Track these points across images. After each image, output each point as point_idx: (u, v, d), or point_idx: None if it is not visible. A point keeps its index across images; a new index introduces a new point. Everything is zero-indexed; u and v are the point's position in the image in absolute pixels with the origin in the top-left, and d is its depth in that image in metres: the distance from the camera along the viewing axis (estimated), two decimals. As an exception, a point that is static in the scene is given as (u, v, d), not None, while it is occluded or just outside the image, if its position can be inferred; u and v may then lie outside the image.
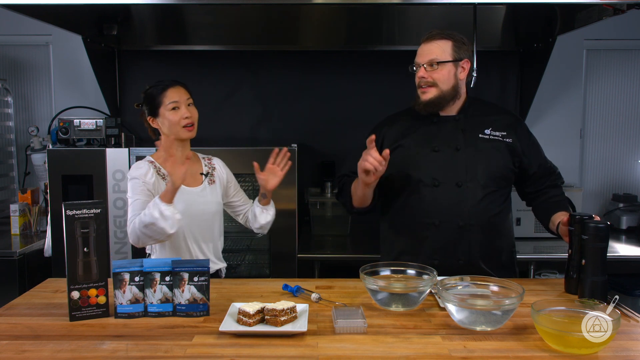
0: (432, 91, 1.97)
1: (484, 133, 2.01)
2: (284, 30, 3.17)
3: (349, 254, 2.89)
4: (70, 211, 1.59)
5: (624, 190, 3.54)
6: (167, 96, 1.99)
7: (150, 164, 2.02)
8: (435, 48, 1.95)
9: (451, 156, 1.98)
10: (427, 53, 1.96)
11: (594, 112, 3.55)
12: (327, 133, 3.46)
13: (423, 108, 2.00)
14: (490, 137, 2.01)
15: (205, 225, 2.06)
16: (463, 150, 1.98)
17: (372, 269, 1.77)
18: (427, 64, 1.96)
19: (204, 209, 2.05)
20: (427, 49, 1.96)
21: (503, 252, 2.05)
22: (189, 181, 2.05)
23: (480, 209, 1.95)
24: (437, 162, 1.98)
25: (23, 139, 3.52)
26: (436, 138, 2.01)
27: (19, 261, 2.68)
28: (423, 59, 1.97)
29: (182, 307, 1.62)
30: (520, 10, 2.68)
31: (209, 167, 2.14)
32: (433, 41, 1.96)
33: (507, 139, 2.01)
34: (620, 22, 3.26)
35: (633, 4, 2.17)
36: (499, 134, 2.02)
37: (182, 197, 1.99)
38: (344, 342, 1.42)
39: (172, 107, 1.98)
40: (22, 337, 1.46)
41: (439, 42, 1.96)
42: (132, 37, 3.29)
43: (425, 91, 1.98)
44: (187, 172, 1.91)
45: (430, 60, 1.95)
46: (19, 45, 3.51)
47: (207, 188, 2.08)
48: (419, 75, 1.98)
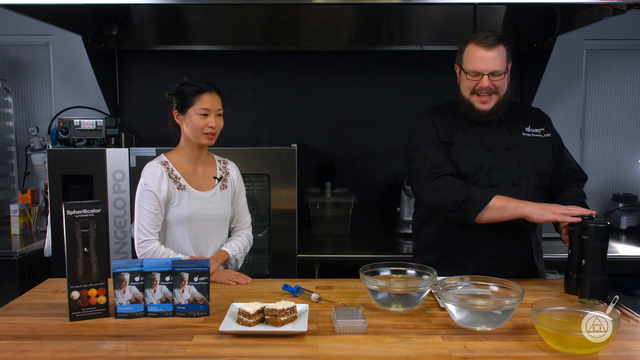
0: (494, 99, 1.93)
1: (525, 131, 2.01)
2: (284, 30, 3.17)
3: (349, 254, 2.88)
4: (70, 211, 1.59)
5: (624, 190, 3.54)
6: (200, 100, 1.97)
7: (163, 165, 2.01)
8: (497, 57, 1.88)
9: (504, 156, 1.96)
10: (491, 62, 1.88)
11: (594, 112, 3.55)
12: (327, 133, 3.46)
13: (485, 117, 1.96)
14: (532, 135, 2.01)
15: (211, 230, 2.06)
16: (513, 149, 1.97)
17: (372, 269, 1.77)
18: (491, 74, 1.89)
19: (210, 214, 2.05)
20: (490, 57, 1.88)
21: (540, 244, 2.09)
22: (201, 184, 2.05)
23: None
24: (493, 162, 1.94)
25: (23, 139, 3.52)
26: (486, 138, 1.98)
27: (19, 261, 2.68)
28: (486, 68, 1.88)
29: (182, 307, 1.62)
30: (520, 10, 2.68)
31: (224, 171, 2.13)
32: (494, 48, 1.88)
33: (546, 134, 2.03)
34: (620, 22, 3.26)
35: (633, 4, 2.17)
36: (539, 130, 2.03)
37: (190, 200, 2.00)
38: (344, 342, 1.42)
39: (202, 112, 1.97)
40: (22, 337, 1.46)
41: (499, 49, 1.89)
42: (132, 37, 3.29)
43: (486, 100, 1.92)
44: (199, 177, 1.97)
45: (495, 70, 1.89)
46: (19, 45, 3.50)
47: (217, 193, 2.07)
48: (483, 85, 1.90)
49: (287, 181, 2.74)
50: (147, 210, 1.96)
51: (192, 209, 2.00)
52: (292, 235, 2.77)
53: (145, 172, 2.01)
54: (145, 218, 1.96)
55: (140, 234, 1.97)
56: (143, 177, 2.00)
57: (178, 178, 2.00)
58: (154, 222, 1.97)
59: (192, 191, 2.02)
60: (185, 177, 2.02)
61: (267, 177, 2.75)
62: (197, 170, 2.06)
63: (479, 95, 1.93)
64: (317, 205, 3.16)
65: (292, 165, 2.72)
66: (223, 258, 2.06)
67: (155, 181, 1.97)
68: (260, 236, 2.86)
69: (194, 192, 2.02)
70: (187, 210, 1.99)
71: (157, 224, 1.98)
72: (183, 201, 1.99)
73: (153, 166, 2.01)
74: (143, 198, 1.97)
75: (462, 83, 1.97)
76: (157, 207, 1.97)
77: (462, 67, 1.96)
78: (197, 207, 2.01)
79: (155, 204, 1.97)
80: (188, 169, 2.04)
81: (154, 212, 1.97)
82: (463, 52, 1.96)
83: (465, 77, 1.94)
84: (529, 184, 1.97)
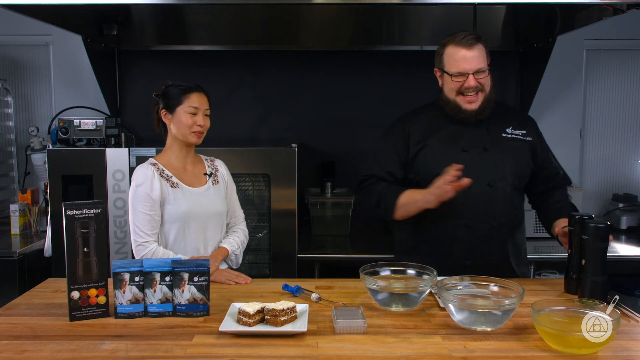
0: (480, 97, 1.94)
1: (506, 132, 2.02)
2: (284, 30, 3.17)
3: (349, 254, 2.88)
4: (70, 211, 1.59)
5: (624, 190, 3.54)
6: (189, 99, 1.99)
7: (153, 166, 2.01)
8: (479, 55, 1.91)
9: (481, 156, 1.97)
10: (474, 61, 1.90)
11: (594, 112, 3.55)
12: (327, 133, 3.46)
13: (474, 117, 1.96)
14: (513, 136, 2.02)
15: (209, 226, 2.06)
16: (491, 150, 1.98)
17: (372, 269, 1.77)
18: (475, 73, 1.91)
19: (207, 209, 2.05)
20: (472, 56, 1.90)
21: (522, 248, 2.09)
22: (193, 181, 2.05)
23: (510, 208, 1.96)
24: (468, 162, 1.92)
25: (23, 139, 3.52)
26: (462, 138, 1.99)
27: (19, 261, 2.68)
28: (470, 67, 1.90)
29: (182, 307, 1.62)
30: (520, 10, 2.68)
31: (212, 168, 2.15)
32: (475, 47, 1.90)
33: (527, 137, 2.03)
34: (620, 22, 3.26)
35: (633, 4, 2.17)
36: (520, 132, 2.03)
37: (185, 198, 2.00)
38: (344, 342, 1.42)
39: (191, 111, 1.98)
40: (22, 337, 1.46)
41: (479, 47, 1.91)
42: (132, 37, 3.29)
43: (473, 100, 1.93)
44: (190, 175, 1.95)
45: (479, 68, 1.91)
46: (19, 45, 3.50)
47: (211, 188, 2.08)
48: (470, 85, 1.91)
49: (287, 181, 2.74)
50: (142, 212, 1.95)
51: (188, 205, 1.99)
52: (292, 235, 2.77)
53: (136, 175, 1.99)
54: (141, 220, 1.95)
55: (136, 236, 1.95)
56: (134, 179, 1.99)
57: (170, 177, 2.00)
58: (150, 223, 1.96)
59: (186, 188, 2.02)
60: (177, 175, 2.03)
61: (267, 177, 2.75)
62: (187, 168, 2.07)
63: (465, 95, 1.94)
64: (317, 205, 3.16)
65: (292, 165, 2.72)
66: (223, 255, 2.06)
67: (147, 181, 1.96)
68: (260, 236, 2.86)
69: (188, 188, 2.02)
70: (184, 207, 1.99)
71: (153, 225, 1.96)
72: (178, 198, 1.99)
73: (143, 167, 2.00)
74: (137, 200, 1.96)
75: (447, 85, 1.98)
76: (152, 208, 1.96)
77: (444, 70, 1.97)
78: (194, 203, 2.01)
79: (150, 205, 1.95)
80: (178, 168, 2.04)
81: (148, 214, 1.95)
82: (443, 55, 1.97)
83: (450, 79, 1.95)
84: (506, 184, 1.97)
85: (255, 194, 2.83)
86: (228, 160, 2.26)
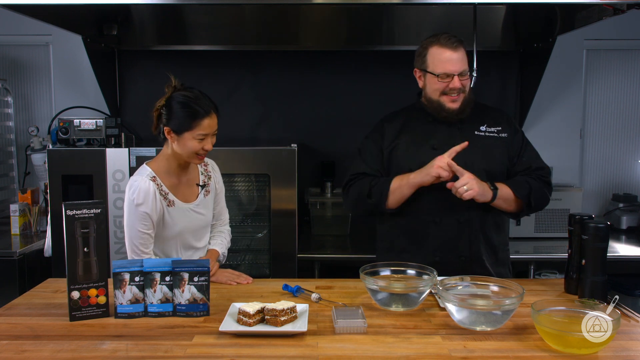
0: (461, 97, 1.98)
1: (480, 130, 2.04)
2: (284, 30, 3.17)
3: (349, 254, 2.88)
4: (70, 211, 1.59)
5: (624, 190, 3.54)
6: (200, 126, 1.86)
7: (153, 182, 1.91)
8: (463, 57, 1.95)
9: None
10: (459, 63, 1.94)
11: (594, 112, 3.55)
12: (327, 133, 3.46)
13: (456, 116, 2.00)
14: (486, 134, 2.04)
15: (199, 235, 2.06)
16: None
17: (372, 269, 1.77)
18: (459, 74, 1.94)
19: (198, 224, 2.04)
20: (458, 58, 1.93)
21: (499, 248, 2.08)
22: (186, 194, 2.00)
23: (479, 204, 1.95)
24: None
25: (23, 139, 3.52)
26: (434, 136, 2.03)
27: (19, 261, 2.68)
28: (456, 69, 1.93)
29: (182, 307, 1.62)
30: (520, 10, 2.68)
31: (205, 175, 2.09)
32: (459, 49, 1.94)
33: (502, 133, 2.05)
34: (620, 22, 3.26)
35: (633, 4, 2.16)
36: (494, 129, 2.05)
37: (178, 214, 1.96)
38: (344, 342, 1.42)
39: (199, 138, 1.88)
40: (22, 337, 1.46)
41: (462, 50, 1.95)
42: (132, 37, 3.29)
43: (456, 99, 1.97)
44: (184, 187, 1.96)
45: (463, 70, 1.94)
46: (19, 45, 3.50)
47: (202, 202, 2.04)
48: (455, 86, 1.94)
49: (287, 181, 2.74)
50: (141, 232, 1.89)
51: (183, 224, 1.97)
52: (292, 235, 2.77)
53: (135, 189, 1.88)
54: (139, 239, 1.89)
55: (134, 253, 1.91)
56: (134, 193, 1.88)
57: (167, 194, 1.94)
58: (148, 241, 1.92)
59: (180, 204, 1.97)
60: (172, 190, 1.96)
61: (267, 177, 2.75)
62: (181, 180, 2.00)
63: (449, 95, 1.97)
64: (317, 205, 3.16)
65: (292, 165, 2.72)
66: (215, 257, 2.08)
67: (148, 201, 1.88)
68: (260, 236, 2.86)
69: (181, 205, 1.97)
70: (179, 226, 1.96)
71: (150, 242, 1.93)
72: (174, 218, 1.95)
73: (144, 183, 1.89)
74: (136, 219, 1.88)
75: (431, 86, 2.00)
76: (151, 227, 1.91)
77: (427, 71, 1.98)
78: (187, 220, 1.99)
79: (149, 224, 1.90)
80: (173, 181, 1.98)
81: (147, 232, 1.90)
82: (426, 56, 1.98)
83: (435, 80, 1.97)
84: None
85: (256, 194, 2.83)
86: (228, 160, 2.25)
